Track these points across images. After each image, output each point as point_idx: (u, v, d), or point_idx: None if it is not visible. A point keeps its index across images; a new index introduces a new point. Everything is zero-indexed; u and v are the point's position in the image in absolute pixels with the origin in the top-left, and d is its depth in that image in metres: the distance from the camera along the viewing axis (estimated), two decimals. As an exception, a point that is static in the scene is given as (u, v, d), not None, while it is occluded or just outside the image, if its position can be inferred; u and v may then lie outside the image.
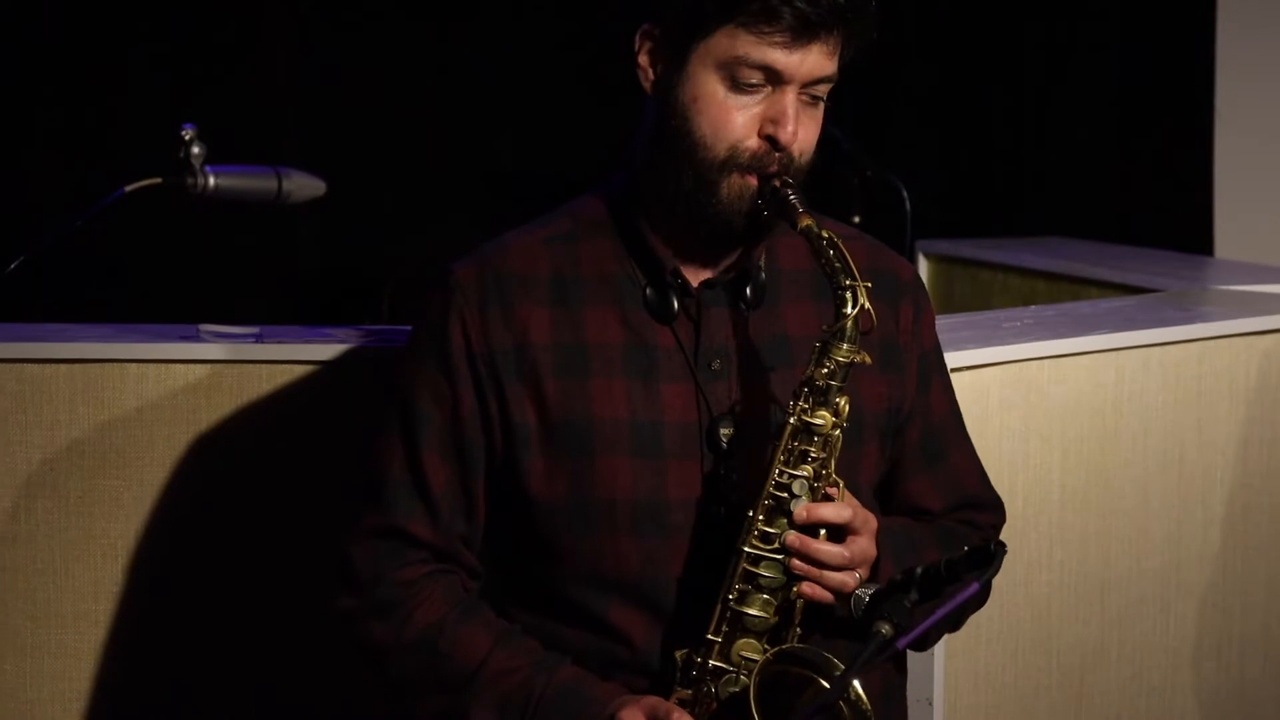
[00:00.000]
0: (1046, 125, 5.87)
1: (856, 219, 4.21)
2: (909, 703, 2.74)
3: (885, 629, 2.26)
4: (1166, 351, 3.64)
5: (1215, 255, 5.67)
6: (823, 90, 2.44)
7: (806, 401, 2.40)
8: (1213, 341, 3.71)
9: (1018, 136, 5.88)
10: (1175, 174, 5.86)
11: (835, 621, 2.44)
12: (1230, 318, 3.79)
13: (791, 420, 2.40)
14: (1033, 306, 4.07)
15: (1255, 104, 5.72)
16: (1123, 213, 5.83)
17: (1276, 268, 4.75)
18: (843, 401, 2.41)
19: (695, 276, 2.51)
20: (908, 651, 2.60)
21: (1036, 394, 3.46)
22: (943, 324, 2.68)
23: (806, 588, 2.39)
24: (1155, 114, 5.86)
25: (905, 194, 4.21)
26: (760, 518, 2.40)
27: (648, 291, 2.49)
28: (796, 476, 2.40)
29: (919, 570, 2.34)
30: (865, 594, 2.40)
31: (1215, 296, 4.21)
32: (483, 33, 5.22)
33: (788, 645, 2.40)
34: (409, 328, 2.59)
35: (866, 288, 2.39)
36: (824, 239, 2.41)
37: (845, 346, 2.40)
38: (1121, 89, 5.87)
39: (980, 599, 2.63)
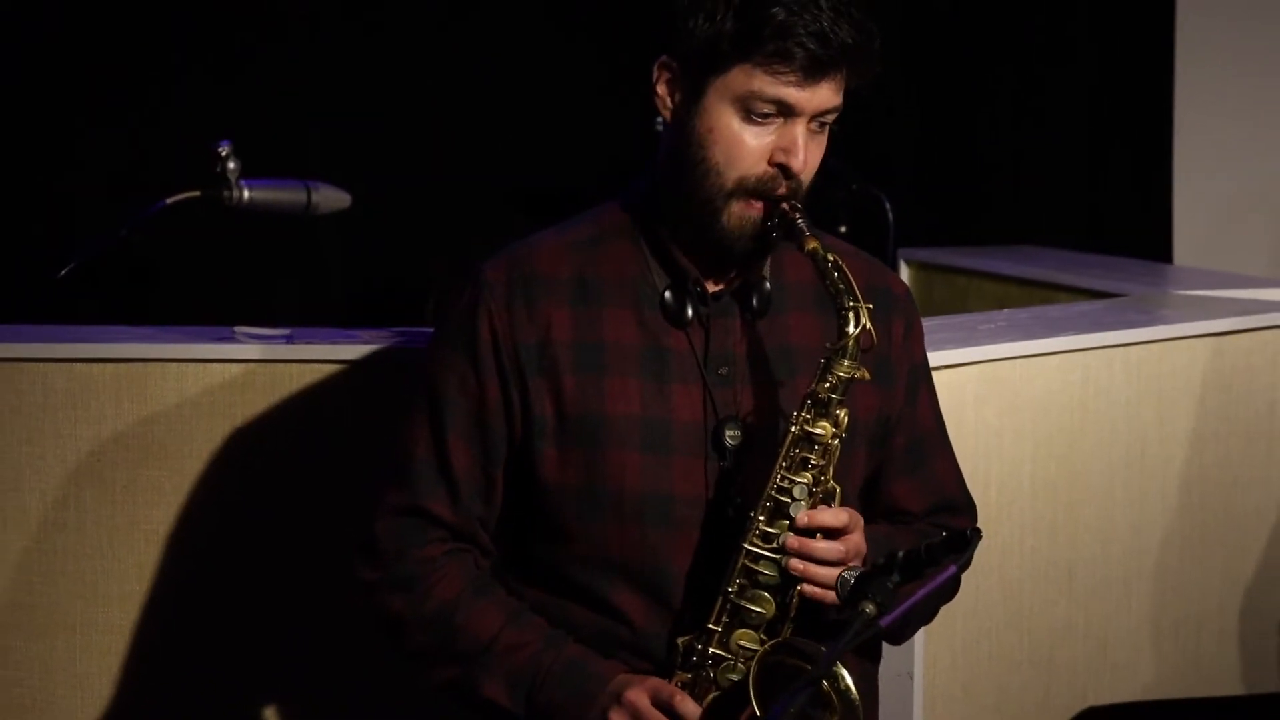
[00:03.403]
0: (1019, 142, 5.87)
1: (843, 229, 4.21)
2: (891, 677, 2.74)
3: (869, 608, 2.26)
4: (1130, 352, 3.64)
5: (1174, 262, 5.67)
6: (830, 119, 2.44)
7: (809, 412, 2.40)
8: (1172, 342, 3.71)
9: (992, 152, 5.88)
10: (1137, 188, 5.87)
11: (827, 616, 2.43)
12: (1188, 320, 3.79)
13: (794, 429, 2.40)
14: (1006, 310, 4.07)
15: (1210, 122, 5.73)
16: (1089, 223, 5.83)
17: (1230, 274, 4.75)
18: (842, 414, 2.41)
19: (709, 286, 2.50)
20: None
21: (1009, 391, 3.46)
22: (923, 326, 2.67)
23: (808, 588, 2.40)
24: (1118, 133, 5.87)
25: (887, 205, 4.21)
26: (762, 518, 2.40)
27: (665, 296, 2.49)
28: (797, 482, 2.40)
29: (900, 554, 2.34)
30: (850, 576, 2.40)
31: (1174, 300, 4.21)
32: (502, 44, 5.21)
33: (784, 637, 2.40)
34: (426, 330, 2.59)
35: (868, 309, 2.40)
36: (829, 261, 2.41)
37: (846, 363, 2.40)
38: (1087, 109, 5.87)
39: (953, 589, 2.64)
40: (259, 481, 3.07)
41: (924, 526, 2.61)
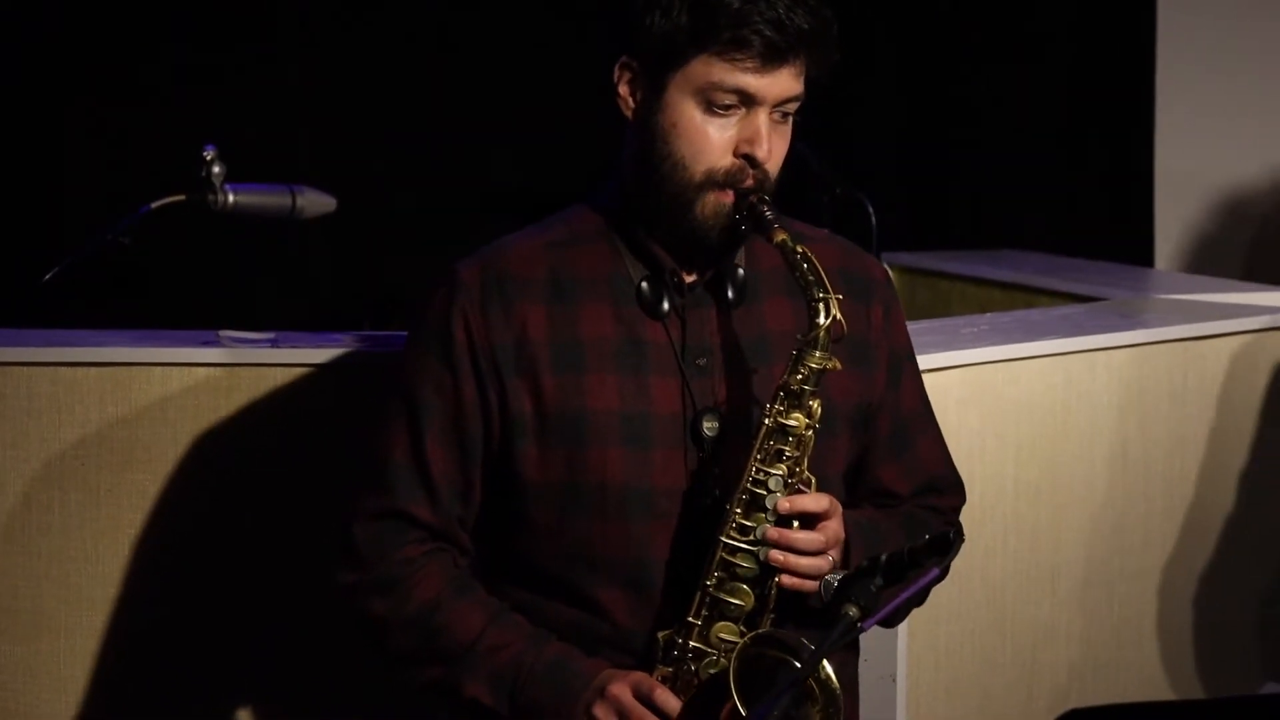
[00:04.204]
0: (1001, 146, 5.87)
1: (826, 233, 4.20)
2: (874, 680, 2.73)
3: (852, 611, 2.25)
4: (1111, 355, 3.63)
5: (1155, 267, 5.67)
6: (792, 108, 2.45)
7: (782, 405, 2.40)
8: (1153, 346, 3.70)
9: (974, 157, 5.88)
10: (1118, 192, 5.87)
11: (807, 607, 2.43)
12: (1169, 324, 3.79)
13: (767, 422, 2.40)
14: (988, 314, 4.07)
15: (1192, 126, 5.73)
16: (1071, 227, 5.83)
17: (1211, 278, 4.76)
18: (815, 404, 2.40)
19: (684, 277, 2.50)
20: (869, 632, 2.59)
21: (992, 395, 3.46)
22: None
23: (787, 579, 2.39)
24: (1101, 138, 5.87)
25: (871, 210, 4.20)
26: (738, 511, 2.40)
27: (643, 287, 2.48)
28: (772, 474, 2.40)
29: (884, 557, 2.34)
30: (834, 579, 2.40)
31: (1155, 305, 4.21)
32: (488, 49, 5.21)
33: (764, 630, 2.39)
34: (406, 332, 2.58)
35: (838, 299, 2.39)
36: (798, 253, 2.40)
37: (818, 354, 2.40)
38: (1070, 115, 5.88)
39: (940, 575, 2.63)
40: (243, 485, 3.06)
41: (910, 509, 2.61)
